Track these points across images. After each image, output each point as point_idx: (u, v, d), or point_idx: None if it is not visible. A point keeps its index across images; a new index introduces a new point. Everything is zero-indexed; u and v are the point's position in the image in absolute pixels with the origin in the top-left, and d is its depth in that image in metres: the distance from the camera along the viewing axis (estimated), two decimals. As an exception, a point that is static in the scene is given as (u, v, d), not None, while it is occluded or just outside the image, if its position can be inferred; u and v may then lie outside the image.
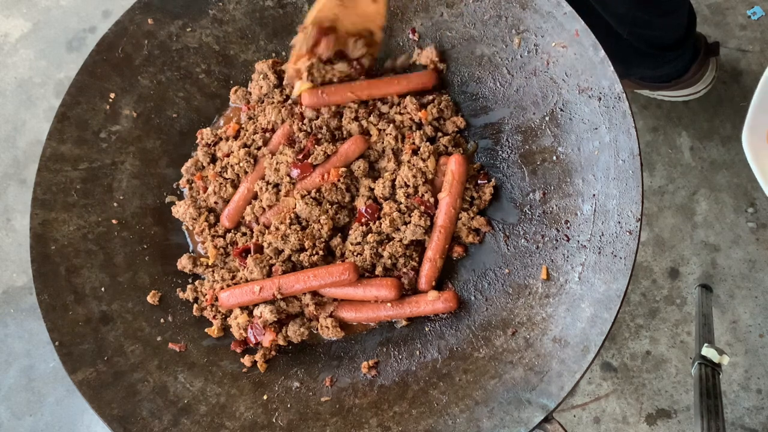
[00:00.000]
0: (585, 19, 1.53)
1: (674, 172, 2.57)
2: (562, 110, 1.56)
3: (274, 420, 1.49)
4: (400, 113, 1.68)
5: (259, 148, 1.69)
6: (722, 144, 2.58)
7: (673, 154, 2.60)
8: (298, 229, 1.60)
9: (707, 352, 1.68)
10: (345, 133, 1.67)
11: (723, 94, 2.62)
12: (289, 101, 1.73)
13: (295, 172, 1.62)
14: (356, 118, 1.67)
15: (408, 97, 1.68)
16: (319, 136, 1.66)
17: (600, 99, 1.50)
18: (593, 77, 1.51)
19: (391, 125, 1.65)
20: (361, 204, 1.61)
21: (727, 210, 2.52)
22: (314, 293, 1.58)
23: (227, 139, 1.74)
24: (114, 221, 1.69)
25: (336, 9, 1.58)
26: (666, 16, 2.19)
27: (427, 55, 1.72)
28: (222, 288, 1.61)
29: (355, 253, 1.58)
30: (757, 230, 2.48)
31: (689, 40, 2.35)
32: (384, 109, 1.69)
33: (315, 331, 1.60)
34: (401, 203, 1.59)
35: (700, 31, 2.48)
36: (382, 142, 1.65)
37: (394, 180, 1.61)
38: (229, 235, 1.67)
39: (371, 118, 1.67)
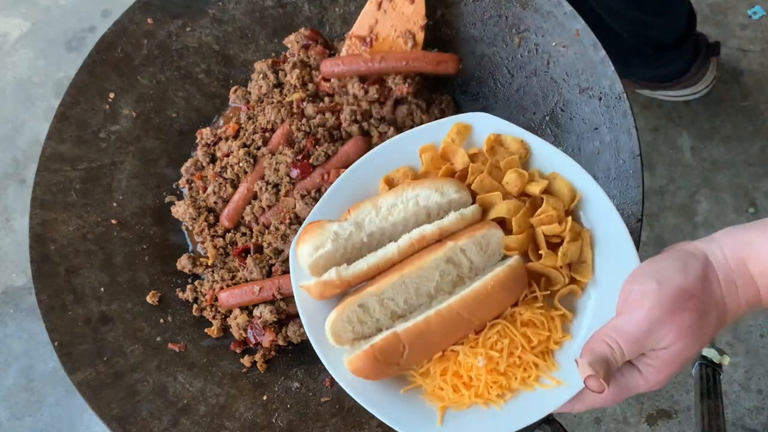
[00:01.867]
0: (585, 19, 1.53)
1: (675, 172, 2.57)
2: (562, 110, 1.56)
3: (273, 420, 1.49)
4: (401, 114, 1.67)
5: (258, 148, 1.69)
6: (723, 144, 2.58)
7: (674, 154, 2.60)
8: (298, 229, 1.59)
9: (708, 352, 1.68)
10: (344, 134, 1.67)
11: (723, 94, 2.62)
12: (287, 99, 1.73)
13: (294, 172, 1.62)
14: (356, 120, 1.66)
15: (410, 98, 1.67)
16: (318, 135, 1.65)
17: (600, 99, 1.50)
18: (594, 77, 1.51)
19: (392, 128, 1.64)
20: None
21: (728, 210, 2.51)
22: (314, 293, 1.57)
23: (227, 139, 1.74)
24: (113, 221, 1.68)
25: (375, 14, 1.65)
26: (665, 15, 2.19)
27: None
28: (222, 288, 1.61)
29: (355, 253, 1.57)
30: (757, 230, 2.47)
31: (689, 40, 2.35)
32: (386, 111, 1.69)
33: (315, 332, 1.60)
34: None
35: (700, 31, 2.48)
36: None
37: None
38: (228, 235, 1.67)
39: (372, 120, 1.67)
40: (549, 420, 1.37)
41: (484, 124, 1.34)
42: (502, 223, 1.31)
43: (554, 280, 1.29)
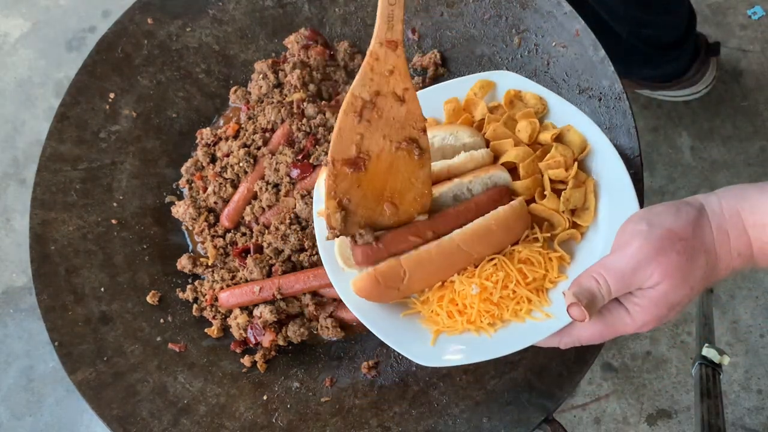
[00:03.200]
0: (585, 20, 1.53)
1: (675, 172, 2.57)
2: (562, 110, 1.56)
3: (274, 420, 1.49)
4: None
5: (258, 148, 1.69)
6: (723, 144, 2.58)
7: (674, 154, 2.60)
8: (298, 229, 1.60)
9: (707, 352, 1.68)
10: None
11: (723, 94, 2.62)
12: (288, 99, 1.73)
13: (295, 172, 1.62)
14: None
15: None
16: (318, 135, 1.65)
17: (600, 99, 1.50)
18: (593, 77, 1.51)
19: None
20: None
21: (728, 210, 2.51)
22: (314, 293, 1.58)
23: (227, 139, 1.74)
24: (113, 221, 1.69)
25: (358, 129, 1.26)
26: (665, 15, 2.19)
27: (429, 58, 1.72)
28: (222, 288, 1.61)
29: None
30: (757, 230, 2.47)
31: (689, 40, 2.35)
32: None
33: (315, 332, 1.60)
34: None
35: (700, 31, 2.48)
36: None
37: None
38: (228, 235, 1.67)
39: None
40: (549, 420, 1.37)
41: (508, 82, 1.44)
42: (513, 171, 1.37)
43: (556, 224, 1.35)
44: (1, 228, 2.88)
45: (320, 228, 1.38)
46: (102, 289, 1.61)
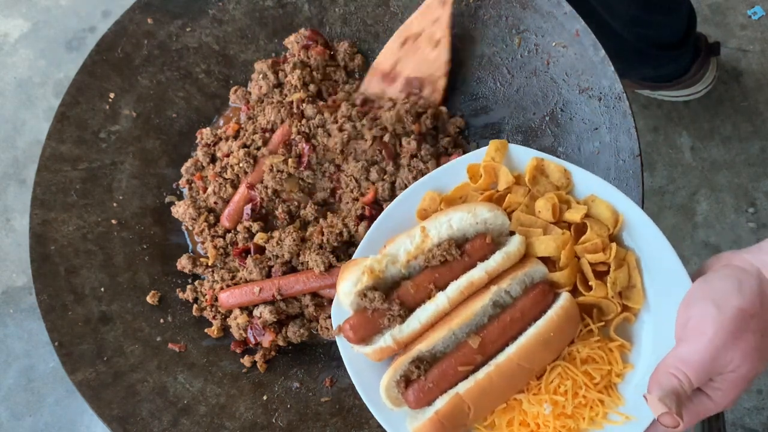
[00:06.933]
0: (585, 19, 1.53)
1: (675, 172, 2.57)
2: (562, 110, 1.56)
3: (274, 420, 1.49)
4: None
5: (258, 148, 1.69)
6: (723, 144, 2.58)
7: (674, 154, 2.60)
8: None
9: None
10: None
11: (723, 94, 2.62)
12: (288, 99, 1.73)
13: (295, 172, 1.62)
14: (350, 118, 1.65)
15: (403, 108, 1.65)
16: (318, 136, 1.65)
17: (600, 99, 1.50)
18: (593, 77, 1.51)
19: (388, 134, 1.63)
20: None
21: (728, 210, 2.51)
22: (314, 294, 1.58)
23: (227, 139, 1.74)
24: (113, 221, 1.69)
25: (398, 53, 1.62)
26: (666, 15, 2.20)
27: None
28: (222, 288, 1.61)
29: (355, 254, 1.57)
30: (757, 230, 2.48)
31: (690, 40, 2.35)
32: (379, 112, 1.68)
33: (315, 332, 1.60)
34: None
35: (700, 31, 2.48)
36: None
37: (394, 182, 1.61)
38: (228, 236, 1.67)
39: (365, 122, 1.64)
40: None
41: (519, 152, 1.34)
42: (546, 257, 1.29)
43: (606, 309, 1.27)
44: (1, 228, 2.88)
45: (354, 367, 1.27)
46: (102, 289, 1.61)
